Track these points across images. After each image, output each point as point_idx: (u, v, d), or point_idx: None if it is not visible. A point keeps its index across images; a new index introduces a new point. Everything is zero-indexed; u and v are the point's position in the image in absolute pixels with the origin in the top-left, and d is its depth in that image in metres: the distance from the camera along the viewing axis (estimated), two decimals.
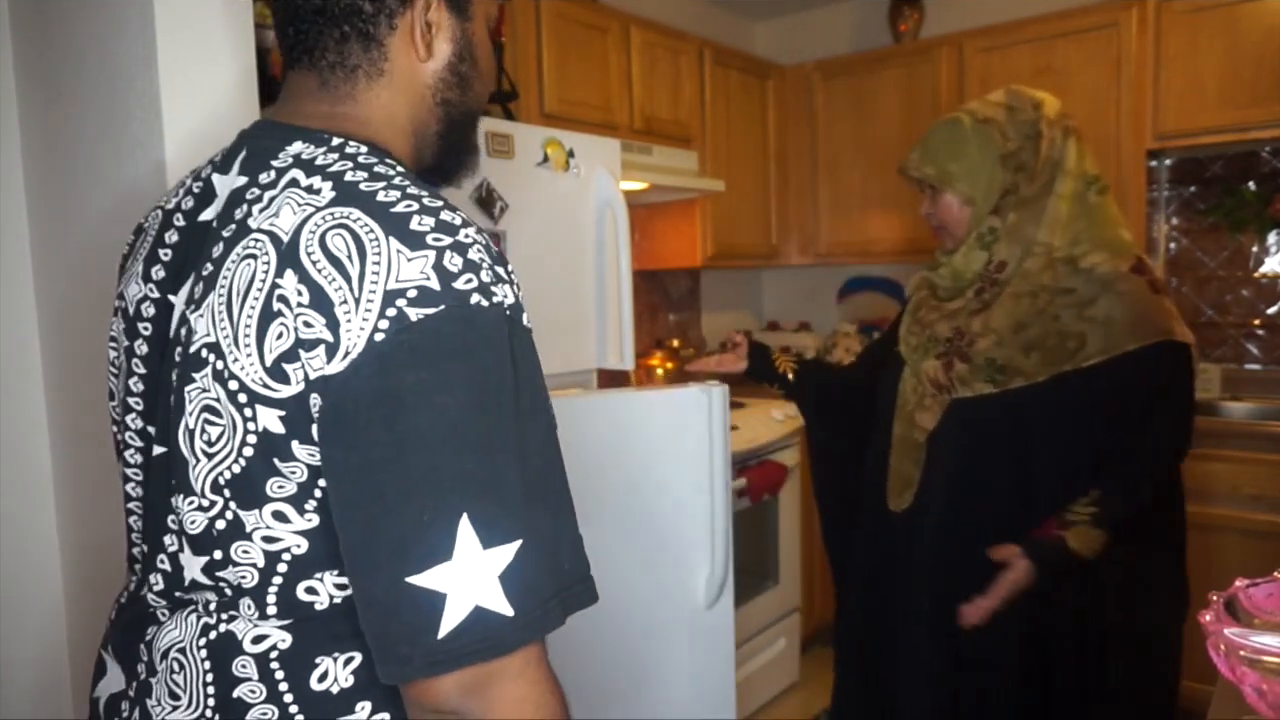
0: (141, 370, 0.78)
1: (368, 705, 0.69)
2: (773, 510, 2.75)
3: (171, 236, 0.78)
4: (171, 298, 0.75)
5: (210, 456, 0.67)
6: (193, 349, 0.68)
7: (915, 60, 3.12)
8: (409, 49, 0.77)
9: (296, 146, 0.72)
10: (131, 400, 0.79)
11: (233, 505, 0.67)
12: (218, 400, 0.66)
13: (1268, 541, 2.31)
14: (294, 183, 0.68)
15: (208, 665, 0.70)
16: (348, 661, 0.69)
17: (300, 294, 0.62)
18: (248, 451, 0.65)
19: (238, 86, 1.34)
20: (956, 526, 1.42)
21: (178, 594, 0.73)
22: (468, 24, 0.81)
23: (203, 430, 0.67)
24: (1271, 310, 2.84)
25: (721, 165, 3.12)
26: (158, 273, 0.77)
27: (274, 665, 0.68)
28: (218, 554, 0.69)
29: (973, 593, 1.35)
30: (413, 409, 0.60)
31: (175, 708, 0.71)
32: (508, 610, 0.60)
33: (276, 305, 0.63)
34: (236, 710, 0.69)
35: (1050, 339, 1.34)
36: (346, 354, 0.60)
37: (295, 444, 0.64)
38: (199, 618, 0.71)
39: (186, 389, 0.68)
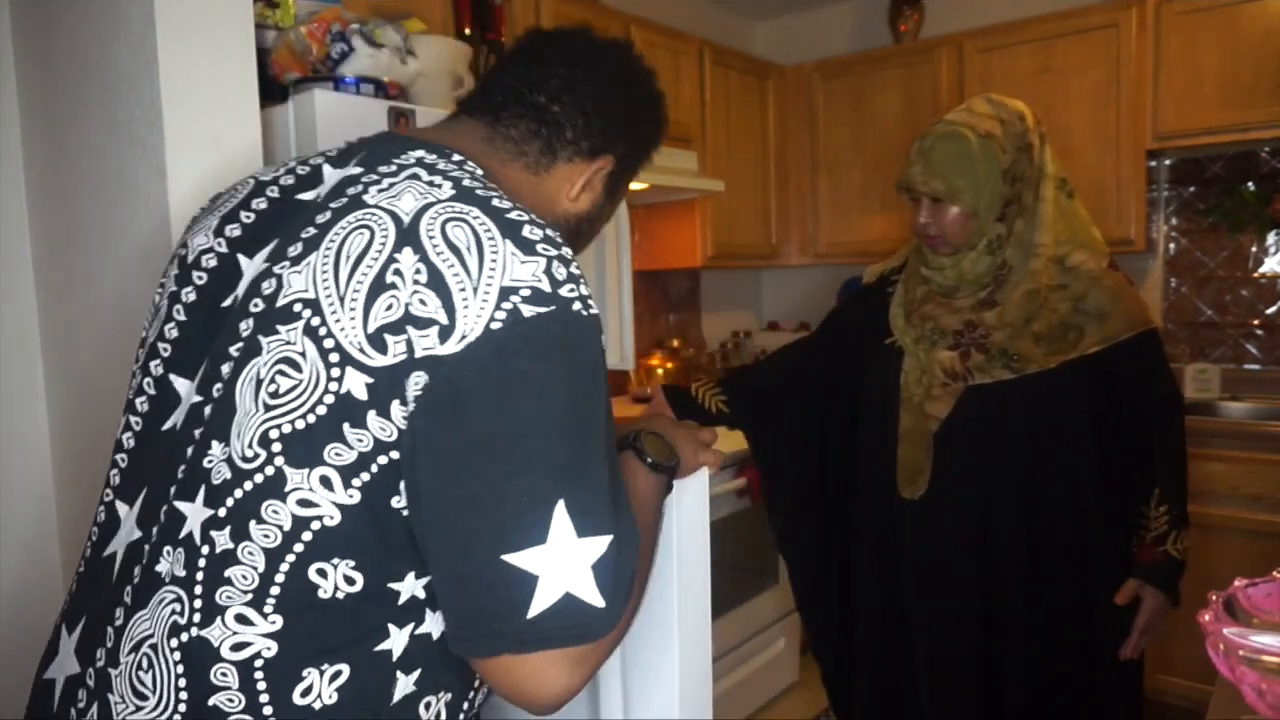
0: (181, 317, 0.79)
1: None
2: None
3: (259, 204, 0.80)
4: (241, 257, 0.77)
5: (270, 409, 0.66)
6: (282, 302, 0.69)
7: (915, 60, 3.12)
8: (566, 181, 0.87)
9: (420, 152, 0.76)
10: (161, 345, 0.79)
11: (279, 461, 0.66)
12: (302, 355, 0.66)
13: (1267, 541, 2.31)
14: (415, 176, 0.72)
15: (181, 669, 0.67)
16: (334, 676, 0.67)
17: (418, 272, 0.64)
18: (320, 410, 0.65)
19: (238, 87, 1.34)
20: (977, 508, 1.50)
21: (159, 560, 0.70)
22: (607, 204, 0.92)
23: (272, 380, 0.67)
24: (1271, 310, 2.84)
25: (721, 165, 3.12)
26: (232, 230, 0.79)
27: (258, 675, 0.66)
28: (227, 510, 0.67)
29: (997, 574, 1.48)
30: (523, 396, 0.63)
31: (140, 708, 0.68)
32: (599, 601, 0.63)
33: (391, 278, 0.65)
34: (210, 718, 0.66)
35: (1054, 330, 1.46)
36: (463, 337, 0.63)
37: (372, 414, 0.65)
38: (170, 612, 0.68)
39: (265, 339, 0.68)
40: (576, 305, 0.66)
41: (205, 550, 0.67)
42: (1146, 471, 1.49)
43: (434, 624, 0.71)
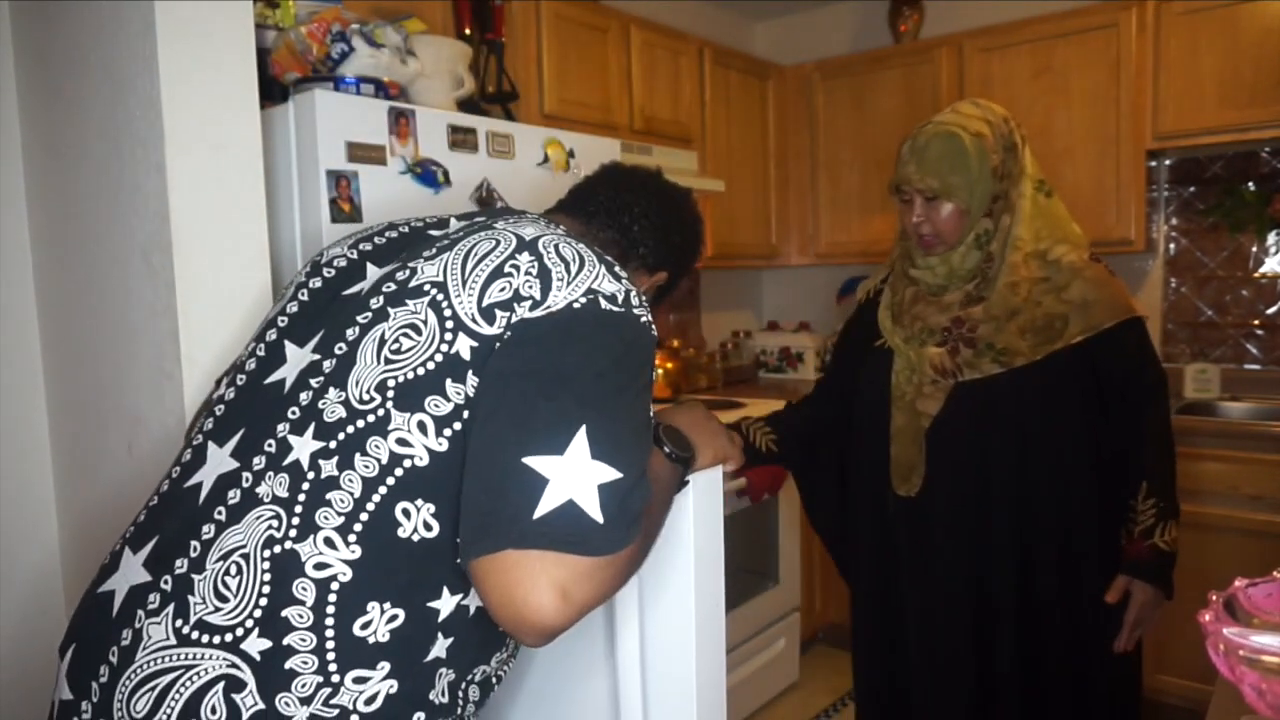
0: (304, 298, 0.94)
1: (386, 666, 0.76)
2: (773, 510, 2.75)
3: (392, 234, 0.99)
4: (370, 265, 0.93)
5: (390, 363, 0.80)
6: (414, 283, 0.85)
7: (915, 60, 3.12)
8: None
9: (530, 217, 0.96)
10: (280, 319, 0.94)
11: (389, 404, 0.78)
12: (424, 322, 0.81)
13: (1267, 541, 2.31)
14: (534, 221, 0.92)
15: (268, 576, 0.76)
16: (391, 619, 0.76)
17: (531, 267, 0.83)
18: (430, 365, 0.79)
19: (238, 87, 1.34)
20: (972, 503, 1.52)
21: (260, 483, 0.80)
22: (653, 306, 1.07)
23: (395, 340, 0.81)
24: (1271, 310, 2.84)
25: (721, 165, 3.12)
26: (364, 246, 0.97)
27: (331, 596, 0.75)
28: (338, 442, 0.78)
29: (991, 563, 1.50)
30: (576, 348, 0.78)
31: (218, 609, 0.76)
32: (599, 516, 0.71)
33: (508, 269, 0.83)
34: (278, 628, 0.74)
35: (1038, 321, 1.49)
36: (549, 308, 0.80)
37: (470, 373, 0.78)
38: (267, 527, 0.77)
39: (393, 309, 0.83)
40: (644, 319, 0.85)
41: (311, 475, 0.78)
42: (1135, 462, 1.50)
43: (474, 598, 0.80)
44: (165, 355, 1.30)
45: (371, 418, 0.78)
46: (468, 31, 2.11)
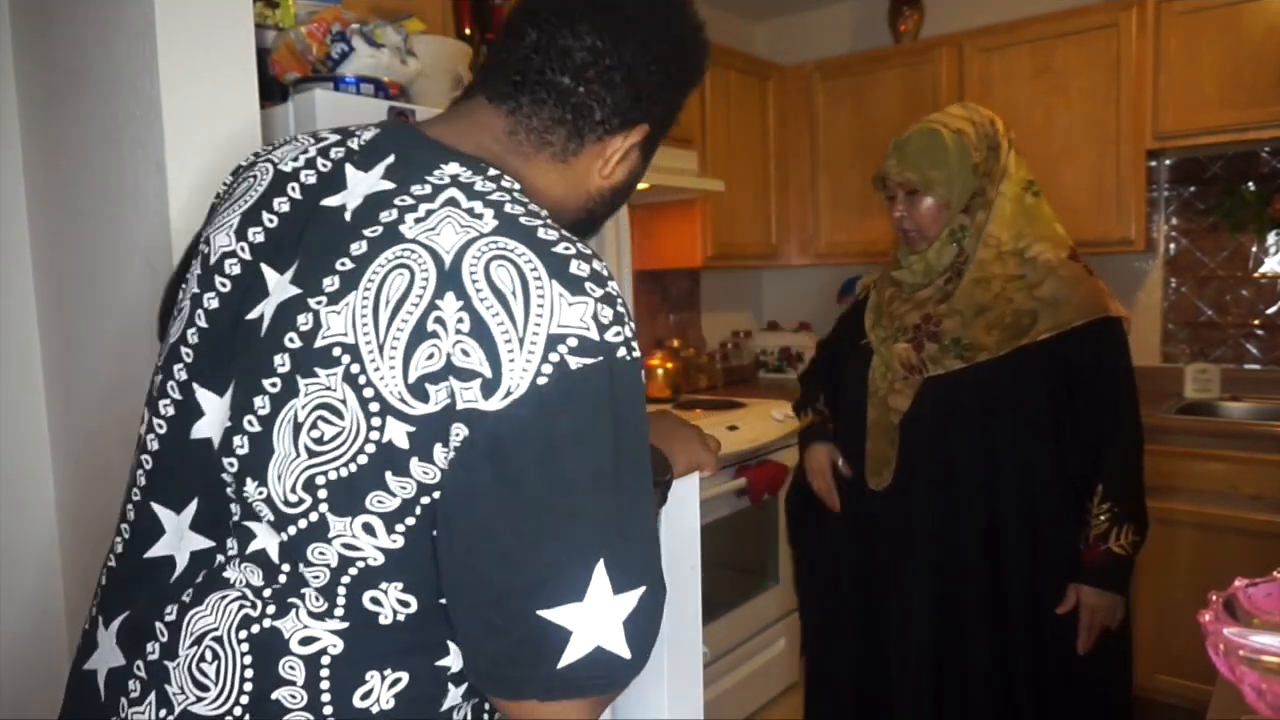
0: (203, 324, 0.76)
1: None
2: (773, 510, 2.75)
3: (281, 205, 0.76)
4: (265, 268, 0.73)
5: (314, 454, 0.65)
6: (320, 344, 0.66)
7: (915, 60, 3.12)
8: (598, 158, 0.82)
9: (454, 168, 0.71)
10: (184, 350, 0.77)
11: (323, 508, 0.65)
12: (343, 402, 0.65)
13: (1267, 541, 2.30)
14: (454, 202, 0.68)
15: (249, 660, 0.67)
16: (394, 683, 0.68)
17: (461, 321, 0.62)
18: (361, 459, 0.64)
19: (238, 87, 1.34)
20: (940, 499, 1.55)
21: (228, 568, 0.70)
22: (643, 165, 0.87)
23: (314, 426, 0.65)
24: (1271, 310, 2.84)
25: (721, 165, 3.11)
26: (255, 235, 0.76)
27: (323, 672, 0.67)
28: (281, 545, 0.67)
29: (963, 559, 1.52)
30: (565, 454, 0.62)
31: (201, 699, 0.68)
32: (626, 653, 0.64)
33: (432, 326, 0.63)
34: (270, 712, 0.67)
35: (1007, 317, 1.51)
36: (508, 393, 0.61)
37: (415, 460, 0.64)
38: (240, 607, 0.68)
39: (303, 380, 0.66)
40: (621, 351, 0.65)
41: (285, 568, 0.68)
42: (1098, 465, 1.50)
43: None
44: None
45: (304, 523, 0.66)
46: (468, 31, 2.11)
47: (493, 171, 0.72)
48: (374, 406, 0.64)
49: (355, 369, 0.64)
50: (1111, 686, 1.56)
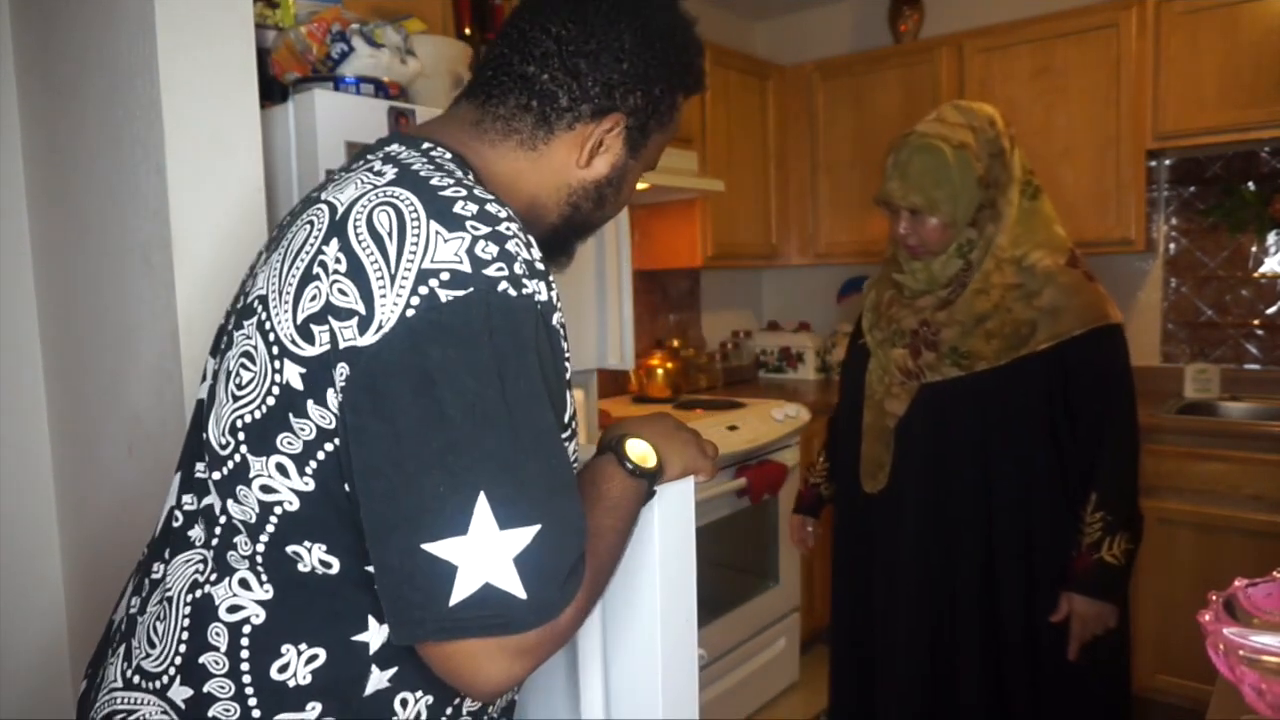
0: (229, 307, 0.84)
1: (318, 707, 0.70)
2: (773, 510, 2.75)
3: (302, 201, 0.82)
4: (264, 256, 0.80)
5: (237, 400, 0.70)
6: (249, 299, 0.73)
7: (915, 60, 3.12)
8: (574, 149, 0.81)
9: (394, 147, 0.76)
10: (220, 340, 0.83)
11: (244, 449, 0.70)
12: (255, 348, 0.70)
13: (1267, 541, 2.30)
14: (370, 168, 0.72)
15: (188, 622, 0.72)
16: (311, 659, 0.70)
17: (339, 262, 0.65)
18: (270, 401, 0.68)
19: (238, 87, 1.34)
20: (933, 505, 1.55)
21: (193, 525, 0.75)
22: (632, 160, 0.85)
23: (236, 374, 0.71)
24: (1271, 310, 2.84)
25: (721, 165, 3.11)
26: (283, 224, 0.81)
27: (243, 640, 0.70)
28: (218, 486, 0.72)
29: (956, 565, 1.52)
30: (437, 385, 0.62)
31: (149, 655, 0.73)
32: (521, 593, 0.62)
33: (315, 269, 0.66)
34: (198, 675, 0.70)
35: (1006, 327, 1.49)
36: (380, 327, 0.63)
37: (310, 403, 0.66)
38: (194, 571, 0.73)
39: (237, 334, 0.73)
40: (503, 285, 0.64)
41: (223, 520, 0.72)
42: (1093, 473, 1.49)
43: None
44: (165, 355, 1.30)
45: (231, 465, 0.70)
46: (468, 31, 2.11)
47: (426, 145, 0.75)
48: (275, 350, 0.68)
49: (263, 316, 0.70)
50: (1109, 689, 1.56)
